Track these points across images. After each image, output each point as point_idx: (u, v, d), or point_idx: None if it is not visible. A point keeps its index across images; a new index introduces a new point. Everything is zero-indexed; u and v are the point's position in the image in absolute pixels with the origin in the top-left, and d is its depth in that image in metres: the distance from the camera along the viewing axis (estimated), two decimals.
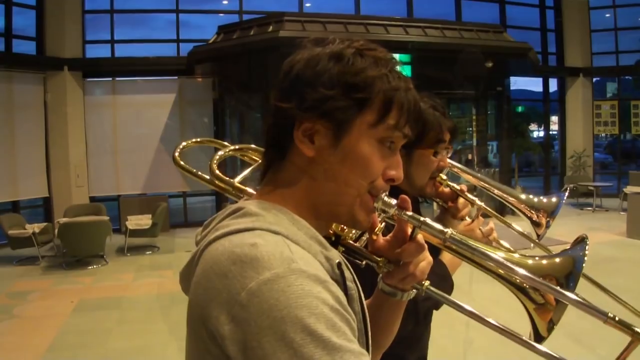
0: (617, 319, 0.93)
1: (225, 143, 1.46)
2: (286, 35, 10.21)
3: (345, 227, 1.11)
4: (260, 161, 1.10)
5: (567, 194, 2.01)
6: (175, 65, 12.37)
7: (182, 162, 1.41)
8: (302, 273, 0.78)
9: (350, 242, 1.11)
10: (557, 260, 1.01)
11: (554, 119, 17.08)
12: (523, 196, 1.96)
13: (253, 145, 1.40)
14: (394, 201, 1.01)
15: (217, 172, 1.30)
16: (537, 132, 21.00)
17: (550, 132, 17.25)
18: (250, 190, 1.21)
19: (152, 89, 12.52)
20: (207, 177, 1.32)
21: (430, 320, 1.82)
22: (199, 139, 1.57)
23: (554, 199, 1.93)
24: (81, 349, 5.48)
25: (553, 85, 16.45)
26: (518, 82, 16.51)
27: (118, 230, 10.63)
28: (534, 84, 17.75)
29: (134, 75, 12.45)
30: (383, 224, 1.09)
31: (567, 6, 15.77)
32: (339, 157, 0.93)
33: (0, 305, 6.94)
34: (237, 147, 1.41)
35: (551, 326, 0.98)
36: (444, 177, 1.85)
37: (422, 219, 1.03)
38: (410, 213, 1.02)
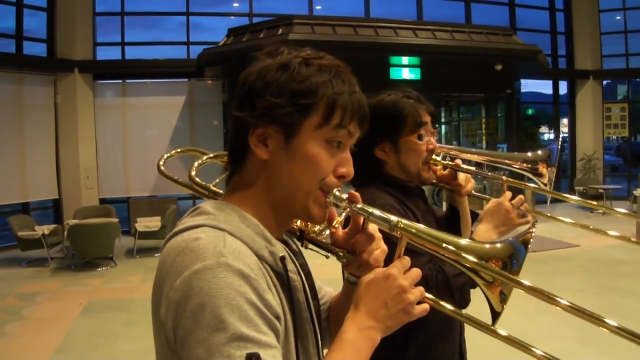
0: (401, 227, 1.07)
1: (205, 151, 1.60)
2: (296, 38, 10.23)
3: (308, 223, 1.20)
4: None
5: (560, 141, 2.09)
6: (185, 67, 12.43)
7: (165, 171, 1.58)
8: (228, 267, 0.88)
9: (313, 235, 1.20)
10: (499, 245, 1.08)
11: (564, 121, 17.00)
12: (518, 154, 2.07)
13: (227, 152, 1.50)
14: (345, 195, 1.09)
15: (195, 178, 1.43)
16: (547, 135, 20.91)
17: (560, 135, 17.15)
18: (222, 192, 1.30)
19: (162, 91, 12.58)
20: (187, 182, 1.46)
21: (466, 301, 1.65)
22: (179, 149, 1.75)
23: (547, 149, 2.02)
24: (89, 351, 5.50)
25: (563, 87, 16.40)
26: (528, 85, 16.43)
27: (127, 232, 10.69)
28: (544, 87, 17.67)
29: (144, 77, 12.53)
30: (342, 217, 1.17)
31: (577, 9, 15.71)
32: (291, 158, 1.02)
33: (9, 307, 6.99)
34: (212, 155, 1.55)
35: (503, 297, 1.05)
36: (438, 158, 1.91)
37: (370, 210, 1.09)
38: (359, 206, 1.09)
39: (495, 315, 1.04)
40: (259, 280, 0.92)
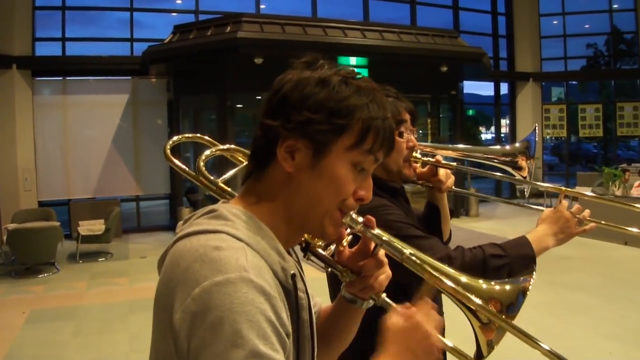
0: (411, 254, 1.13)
1: (214, 142, 1.51)
2: (244, 36, 10.12)
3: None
4: (244, 163, 1.22)
5: (536, 131, 2.15)
6: (128, 65, 12.10)
7: (172, 158, 1.45)
8: (250, 283, 0.87)
9: (318, 250, 1.20)
10: (507, 287, 1.11)
11: (503, 122, 17.48)
12: (497, 148, 2.15)
13: (239, 147, 1.46)
14: (360, 219, 1.11)
15: (204, 170, 1.36)
16: (485, 135, 21.47)
17: (501, 135, 17.64)
18: (231, 190, 1.30)
19: (104, 89, 12.21)
20: (194, 173, 1.39)
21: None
22: (189, 135, 1.61)
23: (525, 141, 2.11)
24: None
25: (503, 89, 16.87)
26: (467, 86, 16.88)
27: (69, 237, 10.27)
28: (482, 88, 18.16)
29: (86, 74, 12.14)
30: (350, 236, 1.17)
31: (518, 12, 16.22)
32: (316, 175, 1.02)
33: None
34: (225, 147, 1.47)
35: (490, 345, 1.08)
36: (418, 155, 1.95)
37: (384, 237, 1.12)
38: (374, 232, 1.12)
39: (480, 357, 1.09)
40: (277, 298, 0.92)
